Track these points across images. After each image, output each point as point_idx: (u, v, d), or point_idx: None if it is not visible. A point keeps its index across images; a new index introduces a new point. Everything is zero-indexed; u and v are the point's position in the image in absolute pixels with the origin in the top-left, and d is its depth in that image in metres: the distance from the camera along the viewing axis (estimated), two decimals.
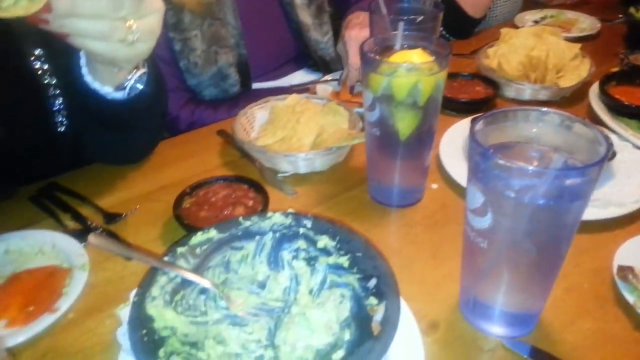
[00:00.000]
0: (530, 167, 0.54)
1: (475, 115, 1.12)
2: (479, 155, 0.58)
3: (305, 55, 1.52)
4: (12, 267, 0.81)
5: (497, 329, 0.70)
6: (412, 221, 0.91)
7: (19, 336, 0.70)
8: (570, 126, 0.61)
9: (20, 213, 0.94)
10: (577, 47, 1.29)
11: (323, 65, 1.52)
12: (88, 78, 0.83)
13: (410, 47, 0.87)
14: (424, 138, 0.88)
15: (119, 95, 0.85)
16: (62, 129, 1.02)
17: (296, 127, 1.06)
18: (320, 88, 1.30)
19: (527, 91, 1.23)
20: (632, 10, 1.49)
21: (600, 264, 0.77)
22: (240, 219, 0.72)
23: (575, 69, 1.24)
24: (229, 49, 1.36)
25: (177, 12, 1.29)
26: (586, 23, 1.66)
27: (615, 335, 0.68)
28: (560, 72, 1.24)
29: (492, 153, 0.56)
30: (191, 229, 0.82)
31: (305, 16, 1.48)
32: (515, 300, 0.67)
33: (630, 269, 0.71)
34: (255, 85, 1.48)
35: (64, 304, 0.74)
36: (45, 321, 0.72)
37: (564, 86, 1.20)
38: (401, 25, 0.88)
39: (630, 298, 0.70)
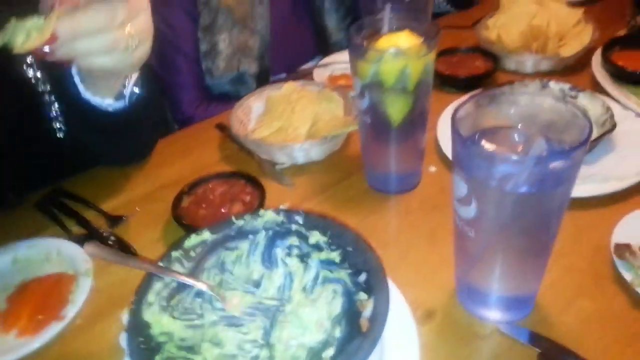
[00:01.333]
0: (510, 155, 0.53)
1: (474, 92, 1.10)
2: (460, 144, 0.57)
3: (323, 56, 1.53)
4: (20, 276, 0.84)
5: (494, 314, 0.70)
6: (410, 207, 0.90)
7: (29, 346, 0.72)
8: (555, 103, 0.59)
9: (26, 221, 0.96)
10: (579, 12, 1.24)
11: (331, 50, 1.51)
12: (87, 95, 0.84)
13: (398, 29, 0.85)
14: (416, 122, 0.87)
15: (120, 104, 0.86)
16: (61, 135, 1.03)
17: (291, 117, 1.05)
18: (316, 72, 1.29)
19: (528, 63, 1.19)
20: None
21: (598, 241, 0.76)
22: (233, 218, 0.72)
23: (578, 35, 1.20)
24: (253, 59, 1.39)
25: (213, 12, 1.31)
26: None
27: (613, 315, 0.68)
28: (562, 40, 1.20)
29: (471, 142, 0.55)
30: (191, 229, 0.83)
31: (331, 20, 1.51)
32: (509, 285, 0.66)
33: (627, 246, 0.70)
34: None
35: (71, 311, 0.76)
36: (54, 329, 0.74)
37: (565, 55, 1.16)
38: (388, 7, 0.86)
39: (627, 276, 0.68)
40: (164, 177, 1.04)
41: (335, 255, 0.67)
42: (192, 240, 0.70)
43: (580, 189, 0.80)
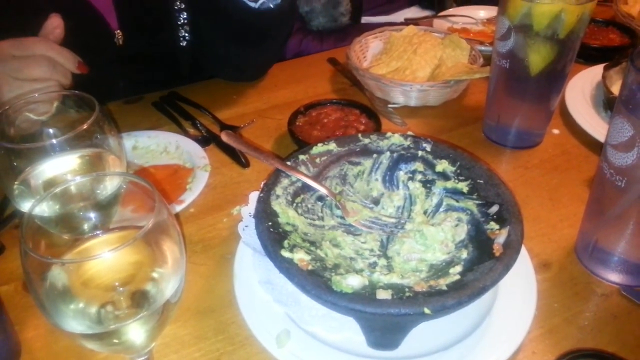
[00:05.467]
0: None
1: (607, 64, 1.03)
2: (636, 82, 0.53)
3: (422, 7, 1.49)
4: (139, 161, 0.88)
5: (614, 276, 0.67)
6: (529, 163, 0.87)
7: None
8: None
9: (145, 117, 1.00)
10: None
11: (438, 2, 1.46)
12: None
13: None
14: (555, 78, 0.83)
15: (266, 6, 0.88)
16: (184, 43, 1.06)
17: (412, 59, 1.03)
18: (437, 23, 1.26)
19: None
20: None
21: None
22: (360, 135, 0.72)
23: None
24: None
25: None
26: None
27: None
28: None
29: None
30: (304, 145, 0.84)
31: None
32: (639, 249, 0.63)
33: None
34: (365, 20, 1.46)
35: (189, 198, 0.79)
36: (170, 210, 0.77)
37: None
38: None
39: None
40: (277, 98, 1.06)
41: (463, 186, 0.66)
42: (319, 148, 0.71)
43: None
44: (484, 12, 1.30)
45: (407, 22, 1.34)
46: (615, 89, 0.92)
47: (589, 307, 0.64)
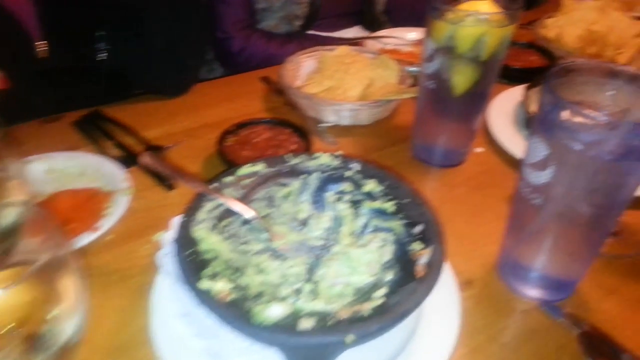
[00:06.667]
0: (605, 117, 0.51)
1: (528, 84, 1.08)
2: (550, 103, 0.55)
3: (367, 12, 1.53)
4: (53, 186, 0.82)
5: (533, 292, 0.68)
6: (454, 181, 0.89)
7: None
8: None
9: (64, 137, 0.95)
10: None
11: (378, 25, 1.51)
12: None
13: None
14: (478, 98, 0.85)
15: None
16: (105, 56, 1.02)
17: (344, 78, 1.04)
18: (369, 43, 1.28)
19: None
20: None
21: None
22: (288, 156, 0.71)
23: (637, 46, 1.19)
24: None
25: None
26: None
27: None
28: (621, 49, 1.19)
29: (564, 102, 0.54)
30: (233, 166, 0.82)
31: None
32: (558, 264, 0.65)
33: None
34: (312, 32, 1.49)
35: (106, 224, 0.74)
36: (85, 239, 0.73)
37: (621, 63, 1.15)
38: None
39: None
40: (207, 117, 1.03)
41: (390, 206, 0.66)
42: (246, 169, 0.69)
43: None
44: (414, 34, 1.34)
45: (340, 42, 1.35)
46: (535, 108, 0.96)
47: (510, 324, 0.66)
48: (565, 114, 0.54)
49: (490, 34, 0.76)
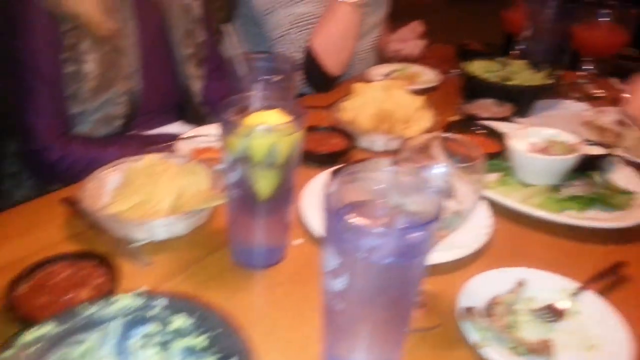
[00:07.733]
0: (372, 228, 0.55)
1: (335, 167, 1.16)
2: (330, 219, 0.58)
3: (187, 105, 1.52)
4: None
5: None
6: (277, 280, 0.89)
7: None
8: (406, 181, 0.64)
9: None
10: (421, 99, 1.41)
11: (200, 118, 1.51)
12: None
13: (268, 108, 0.87)
14: (283, 196, 0.88)
15: None
16: None
17: (153, 191, 0.99)
18: (181, 145, 1.25)
19: (378, 142, 1.31)
20: (465, 64, 1.66)
21: (448, 305, 0.81)
22: (82, 307, 0.64)
23: (420, 119, 1.35)
24: (125, 79, 1.32)
25: (76, 34, 1.23)
26: (429, 75, 1.82)
27: None
28: (407, 123, 1.34)
29: (340, 215, 0.57)
30: (26, 321, 0.72)
31: (190, 67, 1.51)
32: (375, 356, 0.67)
33: (470, 309, 0.77)
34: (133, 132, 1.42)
35: None
36: None
37: (408, 137, 1.29)
38: (258, 85, 0.88)
39: (474, 337, 0.74)
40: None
41: (201, 341, 0.62)
42: (31, 334, 0.60)
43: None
44: None
45: (163, 138, 1.32)
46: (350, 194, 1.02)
47: None
48: (345, 225, 0.57)
49: (281, 142, 0.79)
